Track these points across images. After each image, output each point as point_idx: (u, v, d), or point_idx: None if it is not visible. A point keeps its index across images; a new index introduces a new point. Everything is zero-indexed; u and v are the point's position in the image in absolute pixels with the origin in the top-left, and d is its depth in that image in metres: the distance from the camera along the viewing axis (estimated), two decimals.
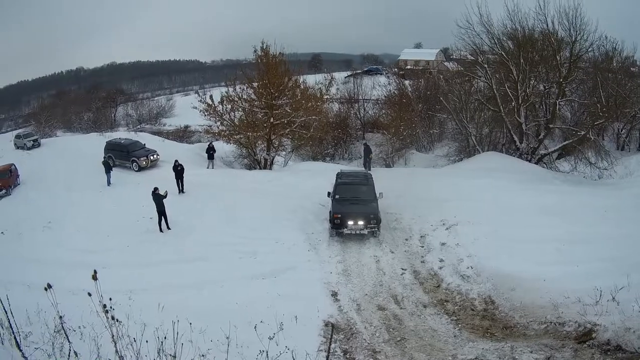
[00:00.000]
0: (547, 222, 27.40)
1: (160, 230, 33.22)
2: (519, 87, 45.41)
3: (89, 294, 9.99)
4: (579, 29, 43.07)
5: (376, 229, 29.63)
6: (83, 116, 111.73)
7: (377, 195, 31.43)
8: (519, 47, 45.85)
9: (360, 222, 29.23)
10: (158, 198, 32.85)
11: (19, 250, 32.49)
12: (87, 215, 37.18)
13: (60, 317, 11.12)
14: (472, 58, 50.85)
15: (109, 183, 44.34)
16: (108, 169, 44.66)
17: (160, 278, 25.22)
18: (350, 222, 29.22)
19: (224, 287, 23.61)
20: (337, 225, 29.59)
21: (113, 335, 10.18)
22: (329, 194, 32.72)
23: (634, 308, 16.46)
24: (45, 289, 10.36)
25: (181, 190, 39.74)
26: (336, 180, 33.64)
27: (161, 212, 33.10)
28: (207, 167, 50.11)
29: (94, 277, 9.91)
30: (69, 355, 10.78)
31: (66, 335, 11.33)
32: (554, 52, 44.97)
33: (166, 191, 33.95)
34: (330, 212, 30.97)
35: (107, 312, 10.06)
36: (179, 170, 40.00)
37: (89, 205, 39.32)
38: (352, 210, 29.71)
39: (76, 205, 39.52)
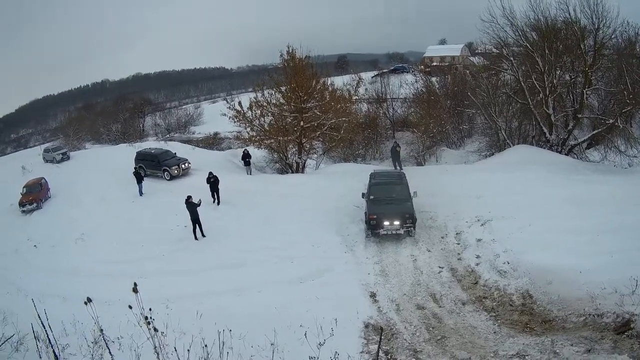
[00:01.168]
0: (580, 212, 27.33)
1: (195, 238, 33.44)
2: (545, 78, 45.05)
3: (130, 307, 10.23)
4: (601, 16, 42.89)
5: (412, 228, 29.61)
6: (111, 127, 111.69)
7: (412, 194, 31.40)
8: (543, 38, 45.51)
9: (396, 222, 29.18)
10: (192, 206, 33.08)
11: (53, 262, 33.19)
12: (120, 226, 37.62)
13: (101, 330, 11.33)
14: (497, 51, 50.76)
15: (140, 193, 44.68)
16: (139, 179, 44.94)
17: (197, 285, 25.50)
18: (386, 223, 29.18)
19: (261, 292, 23.85)
20: (373, 226, 29.57)
21: (155, 347, 10.40)
22: (363, 194, 32.74)
23: None
24: (85, 303, 10.48)
25: (217, 202, 39.52)
26: (370, 180, 33.67)
27: (195, 220, 33.28)
28: (247, 174, 50.03)
29: (135, 290, 10.17)
30: None
31: (107, 347, 11.46)
32: (577, 41, 44.65)
33: (200, 200, 34.03)
34: (365, 213, 30.90)
35: (149, 323, 10.26)
36: (212, 182, 39.54)
37: (122, 216, 39.71)
38: (388, 210, 29.61)
39: (109, 217, 39.95)
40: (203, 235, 33.62)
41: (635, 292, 17.82)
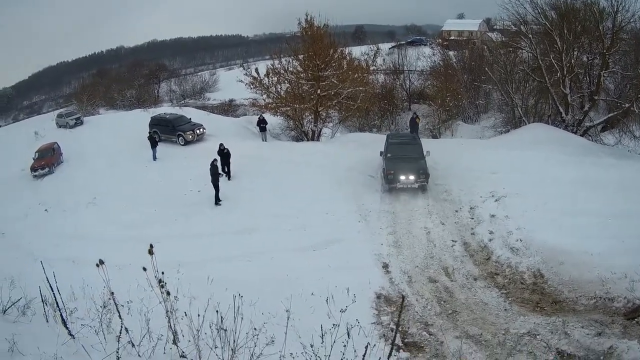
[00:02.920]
0: (594, 195, 27.32)
1: (216, 203, 33.87)
2: (563, 58, 44.81)
3: (144, 269, 10.18)
4: None
5: (425, 183, 32.52)
6: (126, 93, 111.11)
7: (425, 153, 34.30)
8: (562, 17, 45.25)
9: (412, 177, 32.11)
10: (215, 169, 33.61)
11: (64, 226, 33.68)
12: (132, 190, 37.90)
13: (112, 293, 11.23)
14: (516, 28, 50.59)
15: (154, 158, 44.92)
16: (154, 144, 45.13)
17: (208, 250, 25.84)
18: (402, 177, 32.09)
19: (274, 259, 24.20)
20: (390, 180, 32.37)
21: (167, 311, 10.47)
22: (381, 153, 35.60)
23: None
24: (97, 265, 10.45)
25: (228, 176, 38.50)
26: (387, 140, 36.59)
27: (216, 186, 33.63)
28: (262, 140, 49.97)
29: (150, 252, 10.24)
30: (120, 332, 10.72)
31: (118, 311, 11.28)
32: (596, 23, 44.47)
33: (222, 173, 35.19)
34: (383, 169, 33.71)
35: (162, 286, 10.28)
36: (224, 153, 38.58)
37: (134, 180, 39.95)
38: (404, 166, 32.41)
39: (121, 181, 40.28)
40: (218, 203, 33.81)
41: None
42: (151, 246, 10.24)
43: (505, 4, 46.65)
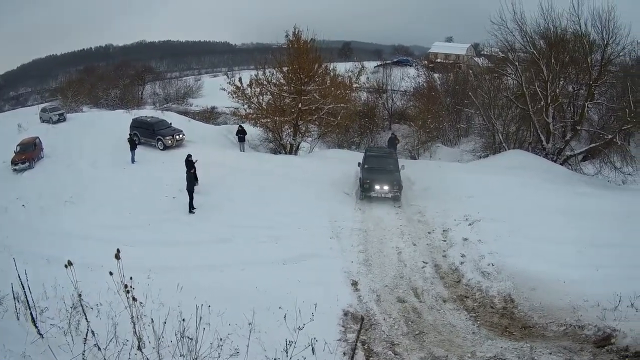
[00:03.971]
0: (570, 223, 27.33)
1: (190, 211, 33.40)
2: (548, 87, 45.33)
3: (111, 273, 10.16)
4: (612, 32, 43.04)
5: (398, 194, 34.27)
6: (110, 93, 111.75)
7: (400, 167, 36.48)
8: (551, 47, 45.81)
9: (386, 187, 34.03)
10: (189, 166, 33.91)
11: (40, 223, 33.22)
12: (109, 191, 37.61)
13: (79, 295, 11.22)
14: (503, 55, 50.73)
15: (133, 161, 44.73)
16: (133, 146, 44.99)
17: (180, 258, 25.40)
18: (377, 187, 34.10)
19: (244, 271, 23.72)
20: (366, 189, 34.41)
21: (133, 317, 10.39)
22: (359, 164, 37.25)
23: None
24: (66, 266, 10.38)
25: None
26: (365, 153, 39.16)
27: (190, 190, 33.27)
28: (240, 150, 50.03)
29: (117, 257, 10.12)
30: (86, 335, 10.71)
31: (84, 313, 11.35)
32: (585, 54, 44.87)
33: (196, 159, 35.18)
34: (360, 179, 35.60)
35: (128, 292, 10.25)
36: (191, 163, 36.23)
37: (112, 181, 39.74)
38: (379, 177, 34.53)
39: (99, 181, 40.00)
40: (192, 211, 33.42)
41: (618, 308, 17.72)
42: (118, 251, 10.18)
43: (494, 31, 47.41)
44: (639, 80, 45.29)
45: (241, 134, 50.34)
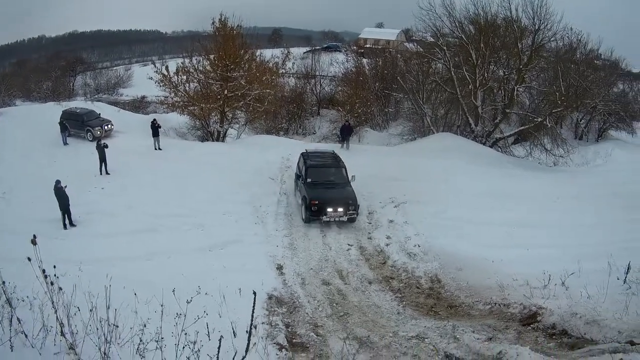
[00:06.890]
0: (499, 205, 27.81)
1: (64, 228, 30.27)
2: (477, 71, 45.70)
3: (29, 259, 10.11)
4: (543, 18, 43.38)
5: (355, 216, 28.17)
6: (42, 85, 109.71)
7: (350, 177, 30.34)
8: (480, 32, 46.20)
9: (340, 209, 27.71)
10: (60, 193, 30.46)
11: None
12: (38, 185, 35.82)
13: (3, 283, 11.28)
14: (432, 39, 50.79)
15: (65, 142, 44.43)
16: (64, 128, 44.69)
17: (109, 249, 24.89)
18: (330, 210, 27.64)
19: (171, 259, 23.60)
20: (315, 212, 27.88)
21: (53, 302, 10.40)
22: (297, 175, 31.66)
23: (582, 294, 16.32)
24: None
25: (105, 172, 37.22)
26: (304, 161, 31.36)
27: (65, 210, 30.37)
28: (155, 148, 44.34)
29: (33, 242, 10.10)
30: (10, 321, 10.74)
31: (8, 300, 11.34)
32: (515, 40, 45.45)
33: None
34: (304, 197, 28.85)
35: (46, 277, 10.19)
36: (102, 147, 36.59)
37: (41, 175, 37.76)
38: (330, 196, 28.16)
39: (29, 175, 38.74)
40: (72, 225, 30.55)
41: (547, 287, 17.84)
42: (34, 236, 10.26)
43: (422, 16, 47.47)
44: (572, 66, 45.90)
45: (154, 128, 44.63)
